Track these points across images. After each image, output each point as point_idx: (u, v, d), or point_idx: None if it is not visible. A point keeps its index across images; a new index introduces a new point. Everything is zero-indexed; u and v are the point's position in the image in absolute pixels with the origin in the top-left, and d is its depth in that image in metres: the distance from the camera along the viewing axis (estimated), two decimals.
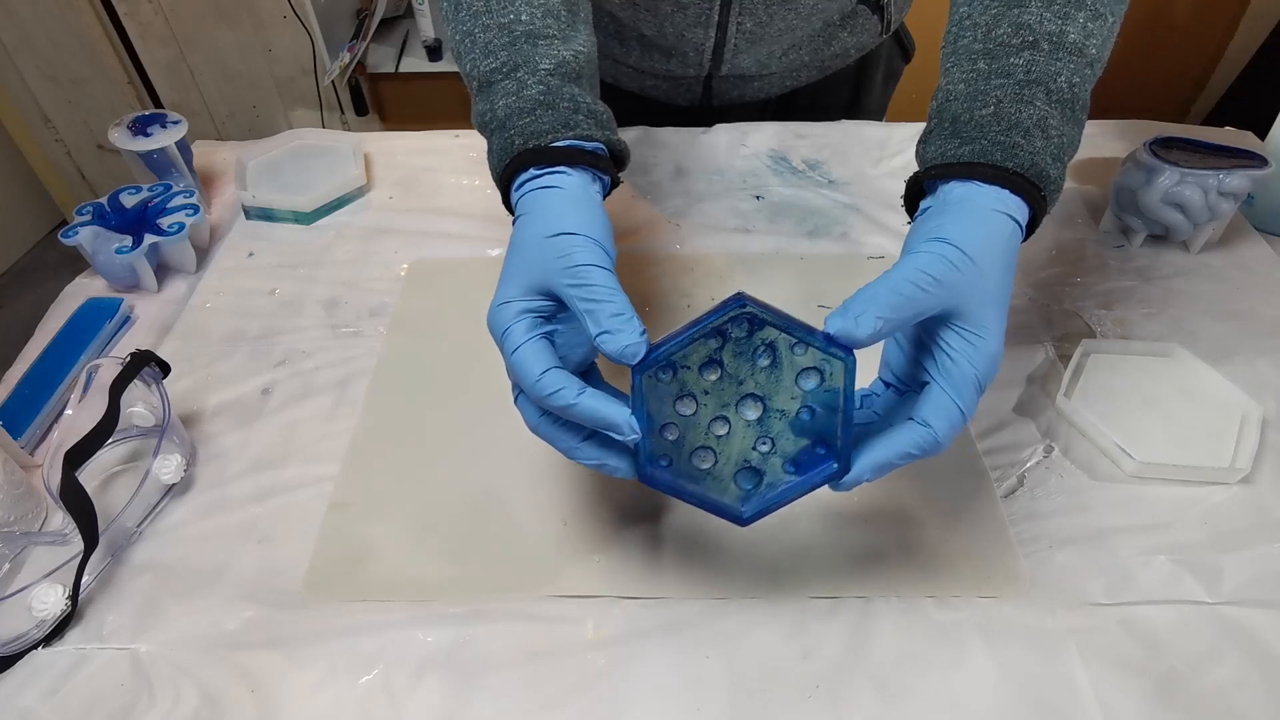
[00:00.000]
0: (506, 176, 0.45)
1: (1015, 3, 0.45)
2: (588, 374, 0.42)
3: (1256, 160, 0.64)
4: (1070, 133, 0.43)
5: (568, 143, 0.45)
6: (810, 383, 0.39)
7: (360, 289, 0.68)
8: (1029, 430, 0.56)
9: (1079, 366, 0.58)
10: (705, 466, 0.40)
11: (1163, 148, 0.66)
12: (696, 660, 0.45)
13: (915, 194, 0.45)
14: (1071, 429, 0.56)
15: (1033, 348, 0.61)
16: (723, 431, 0.40)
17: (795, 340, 0.38)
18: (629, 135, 0.82)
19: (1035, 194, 0.41)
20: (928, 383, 0.40)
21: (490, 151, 0.48)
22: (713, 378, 0.39)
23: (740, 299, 0.38)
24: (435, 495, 0.53)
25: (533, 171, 0.44)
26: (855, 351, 0.38)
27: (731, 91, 0.81)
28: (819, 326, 0.39)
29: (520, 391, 0.41)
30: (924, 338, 0.41)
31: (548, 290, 0.40)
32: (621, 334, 0.37)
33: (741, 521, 0.41)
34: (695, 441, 0.40)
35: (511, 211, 0.46)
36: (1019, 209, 0.41)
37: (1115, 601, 0.47)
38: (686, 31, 0.72)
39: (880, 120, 0.91)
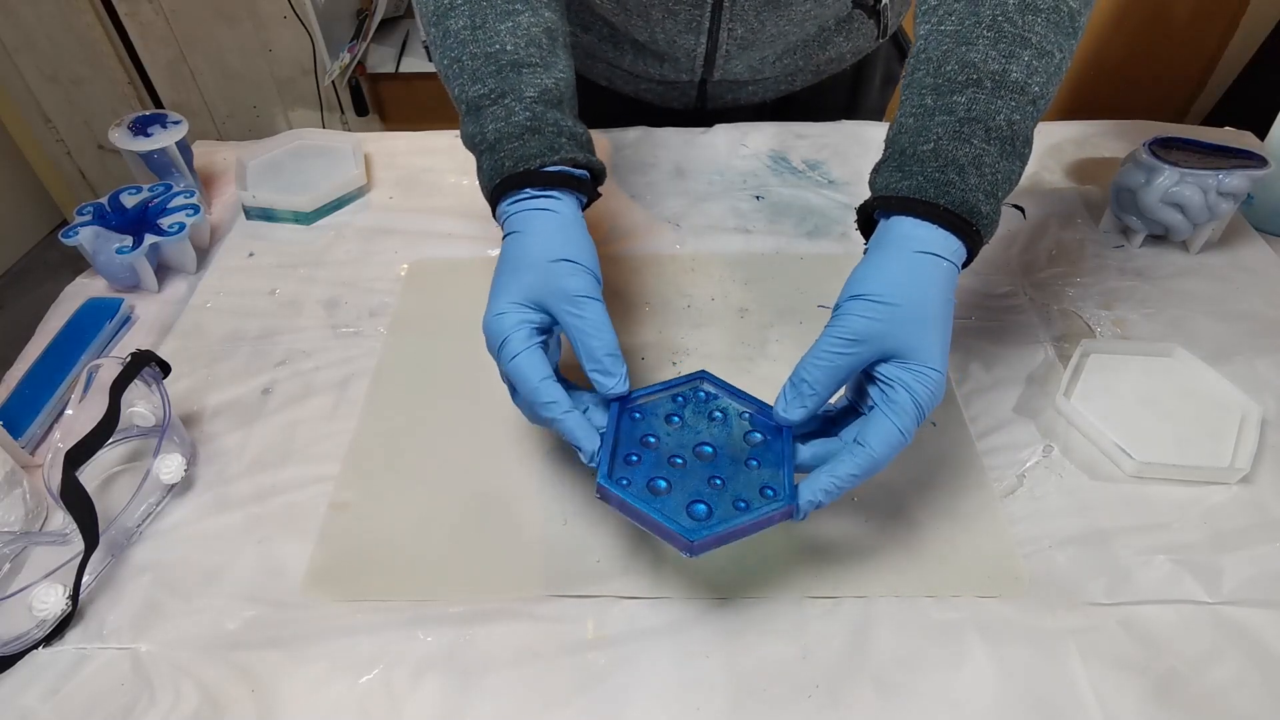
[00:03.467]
0: (496, 194, 0.50)
1: (965, 40, 0.46)
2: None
3: (1256, 160, 0.64)
4: (1007, 168, 0.45)
5: (558, 168, 0.49)
6: (756, 438, 0.45)
7: (360, 289, 0.68)
8: (1029, 430, 0.56)
9: (1078, 366, 0.58)
10: (661, 490, 0.43)
11: (1162, 148, 0.66)
12: (696, 660, 0.45)
13: (868, 218, 0.48)
14: (1071, 429, 0.56)
15: (1032, 348, 0.61)
16: (679, 463, 0.44)
17: (743, 409, 0.46)
18: (629, 135, 0.82)
19: (968, 229, 0.44)
20: (873, 407, 0.42)
21: (480, 170, 0.52)
22: (674, 426, 0.46)
23: (702, 373, 0.48)
24: (435, 495, 0.53)
25: (528, 192, 0.49)
26: None
27: (725, 96, 0.81)
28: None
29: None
30: (868, 371, 0.43)
31: (544, 308, 0.46)
32: (610, 377, 0.45)
33: (690, 546, 0.40)
34: (654, 471, 0.44)
35: (497, 220, 0.51)
36: (947, 245, 0.44)
37: (1115, 601, 0.47)
38: (678, 38, 0.72)
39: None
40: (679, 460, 0.44)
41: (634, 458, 0.44)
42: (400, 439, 0.56)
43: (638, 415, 0.46)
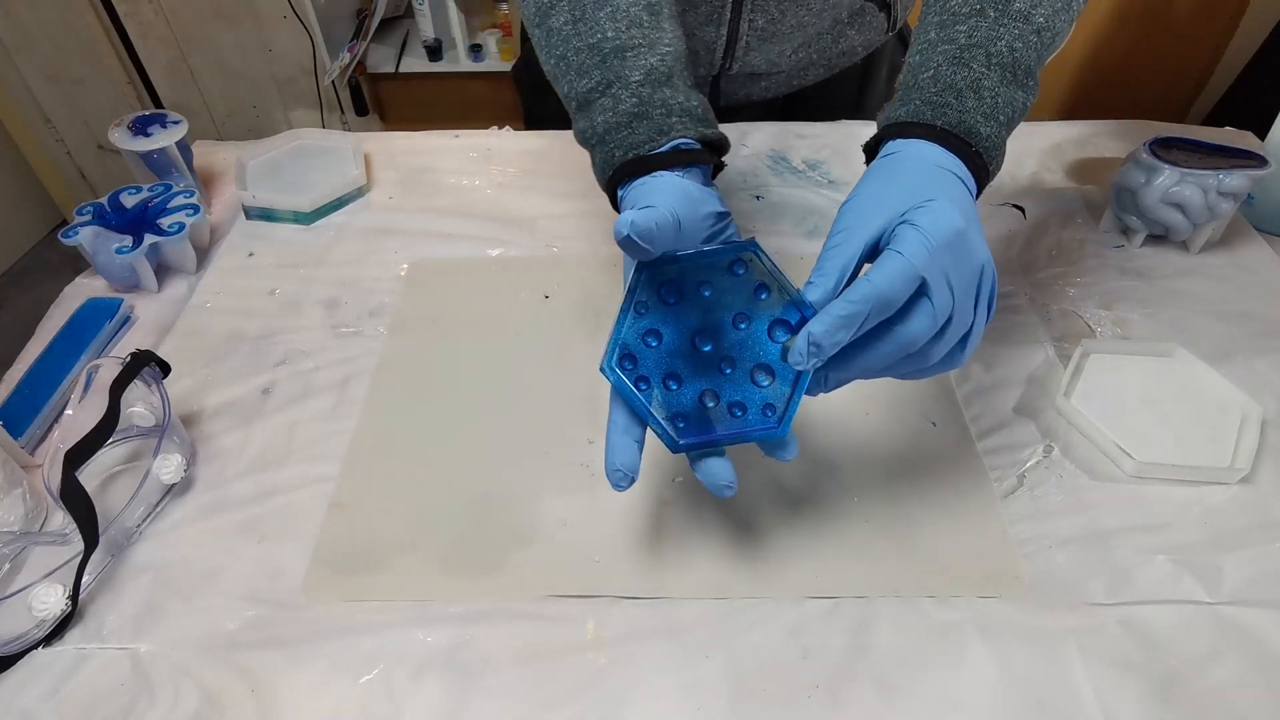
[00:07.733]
0: (612, 186, 0.49)
1: None
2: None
3: (1256, 160, 0.64)
4: (1009, 94, 0.45)
5: (670, 148, 0.47)
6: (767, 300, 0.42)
7: (360, 289, 0.68)
8: (1029, 430, 0.56)
9: (1079, 366, 0.58)
10: (711, 404, 0.42)
11: (1163, 148, 0.66)
12: (696, 660, 0.45)
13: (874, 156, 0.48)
14: (1071, 429, 0.56)
15: (1033, 348, 0.61)
16: (730, 331, 0.42)
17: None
18: None
19: (966, 149, 0.43)
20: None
21: (594, 164, 0.51)
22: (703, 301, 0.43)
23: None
24: (435, 495, 0.53)
25: (634, 182, 0.47)
26: None
27: (739, 91, 0.81)
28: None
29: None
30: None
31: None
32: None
33: (775, 432, 0.41)
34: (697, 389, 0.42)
35: (617, 210, 0.49)
36: (946, 157, 0.43)
37: (1115, 601, 0.47)
38: (698, 30, 0.72)
39: None
40: (731, 328, 0.42)
41: (681, 424, 0.43)
42: (400, 439, 0.56)
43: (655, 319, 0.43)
